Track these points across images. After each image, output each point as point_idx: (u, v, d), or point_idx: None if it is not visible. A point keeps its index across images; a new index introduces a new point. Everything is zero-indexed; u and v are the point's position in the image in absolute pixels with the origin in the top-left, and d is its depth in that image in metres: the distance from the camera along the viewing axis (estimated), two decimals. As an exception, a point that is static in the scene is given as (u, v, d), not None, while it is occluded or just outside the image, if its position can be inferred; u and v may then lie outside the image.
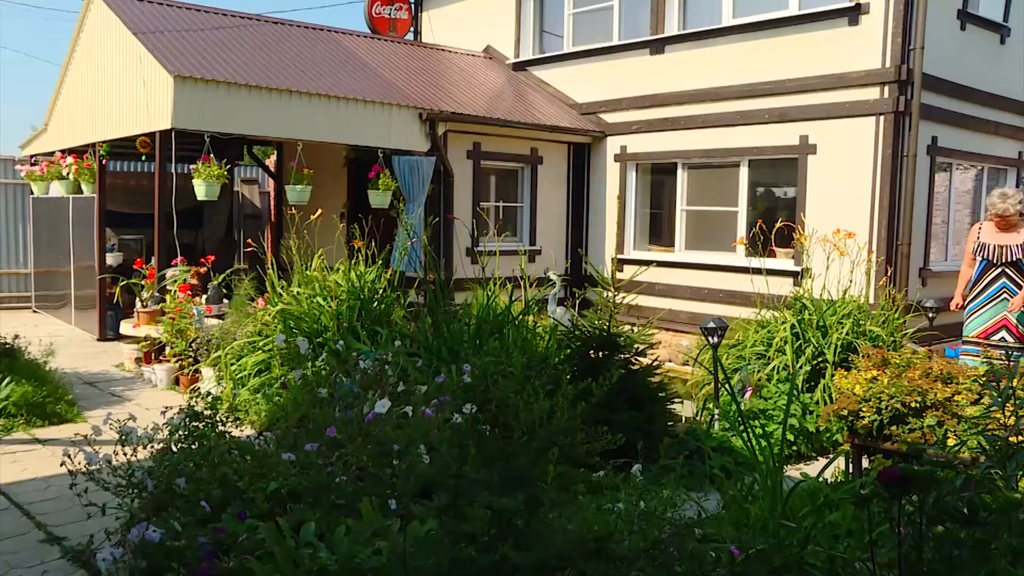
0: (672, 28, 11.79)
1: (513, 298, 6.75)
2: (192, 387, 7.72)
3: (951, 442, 4.83)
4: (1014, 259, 7.42)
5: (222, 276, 9.72)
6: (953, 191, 11.15)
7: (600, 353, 5.55)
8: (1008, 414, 3.39)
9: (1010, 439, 3.51)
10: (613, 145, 12.61)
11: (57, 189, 12.32)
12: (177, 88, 8.92)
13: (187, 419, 3.63)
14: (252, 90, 9.52)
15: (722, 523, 3.17)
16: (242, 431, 3.95)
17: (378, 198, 10.61)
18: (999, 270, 7.41)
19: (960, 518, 1.82)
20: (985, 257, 7.49)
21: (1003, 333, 7.41)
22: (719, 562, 2.47)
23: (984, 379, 4.99)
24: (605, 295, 5.73)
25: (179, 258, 9.63)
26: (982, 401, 4.90)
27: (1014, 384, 3.68)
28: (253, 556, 2.51)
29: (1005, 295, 7.42)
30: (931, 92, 9.80)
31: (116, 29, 10.36)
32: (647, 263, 9.06)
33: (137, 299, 10.00)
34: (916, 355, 5.83)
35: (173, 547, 2.53)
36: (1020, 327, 7.35)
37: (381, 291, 7.48)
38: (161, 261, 9.65)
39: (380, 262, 7.73)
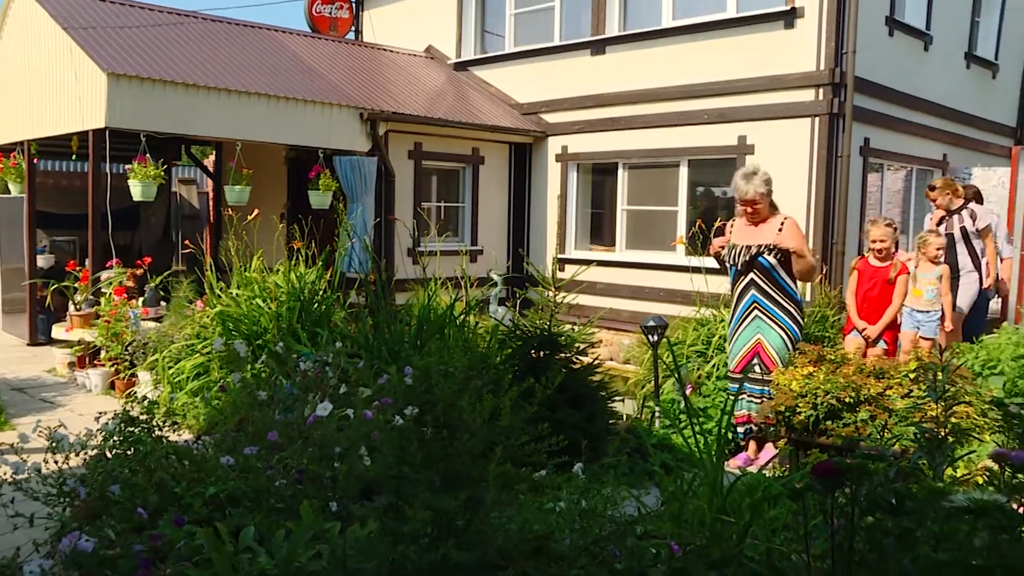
0: (613, 29, 11.89)
1: (455, 298, 6.75)
2: (128, 392, 7.55)
3: (884, 435, 4.96)
4: (765, 261, 5.86)
5: (159, 278, 9.54)
6: (885, 191, 11.46)
7: (541, 353, 5.58)
8: (936, 407, 3.50)
9: (937, 431, 3.62)
10: (554, 145, 12.67)
11: (-18, 190, 11.96)
12: (111, 86, 8.72)
13: (122, 424, 3.55)
14: (189, 89, 9.36)
15: (662, 519, 3.21)
16: (180, 436, 3.88)
17: (318, 198, 10.51)
18: (748, 278, 5.94)
19: (888, 508, 1.87)
20: (733, 263, 6.02)
21: (755, 362, 5.92)
22: (659, 558, 2.50)
23: (915, 374, 5.16)
24: (546, 295, 5.76)
25: (114, 260, 9.41)
26: (912, 395, 5.05)
27: (943, 378, 3.80)
28: (191, 562, 2.47)
29: (757, 312, 5.92)
30: (863, 95, 10.06)
31: (44, 23, 10.08)
32: (588, 262, 9.11)
33: (70, 302, 9.75)
34: (873, 342, 6.04)
35: (107, 556, 2.47)
36: (777, 357, 5.83)
37: (321, 292, 7.42)
38: (95, 263, 9.42)
39: (320, 263, 7.66)
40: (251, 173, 10.04)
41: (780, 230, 5.85)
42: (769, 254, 5.76)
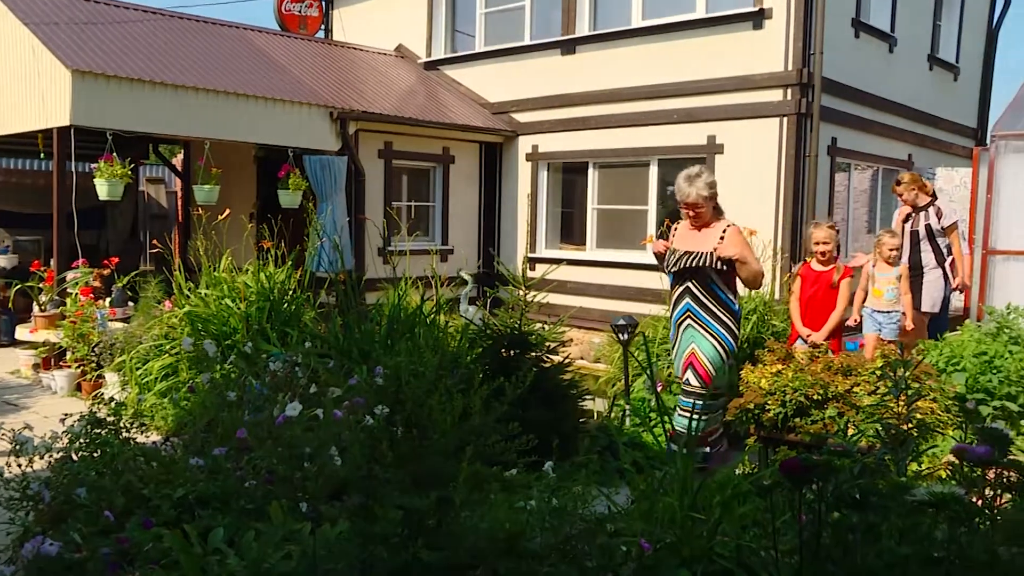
0: (583, 29, 11.93)
1: (425, 297, 6.74)
2: (95, 393, 7.47)
3: (850, 432, 5.02)
4: (698, 267, 5.52)
5: (127, 278, 9.43)
6: (852, 190, 11.60)
7: (511, 352, 5.58)
8: (901, 403, 3.56)
9: (902, 427, 3.68)
10: (525, 144, 12.69)
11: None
12: (76, 83, 8.61)
13: (89, 426, 3.51)
14: (157, 87, 9.26)
15: (632, 517, 3.23)
16: (148, 437, 3.85)
17: (288, 198, 10.45)
18: (684, 286, 5.61)
19: (853, 504, 1.90)
20: (671, 269, 5.68)
21: (689, 374, 5.61)
22: (629, 556, 2.52)
23: (881, 371, 5.23)
24: (516, 294, 5.77)
25: (80, 260, 9.29)
26: (878, 392, 5.11)
27: (907, 375, 3.86)
28: (159, 565, 2.45)
29: (690, 321, 5.59)
30: (830, 95, 10.17)
31: (4, 18, 9.93)
32: (558, 261, 9.16)
33: (35, 303, 9.61)
34: (819, 349, 6.05)
35: (72, 560, 2.44)
36: (711, 368, 5.53)
37: (291, 292, 7.38)
38: (61, 263, 9.30)
39: (290, 262, 7.62)
40: (220, 172, 9.96)
41: (722, 238, 5.54)
42: (710, 261, 5.43)
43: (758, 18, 10.08)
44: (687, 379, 5.59)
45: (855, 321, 7.57)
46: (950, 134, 13.76)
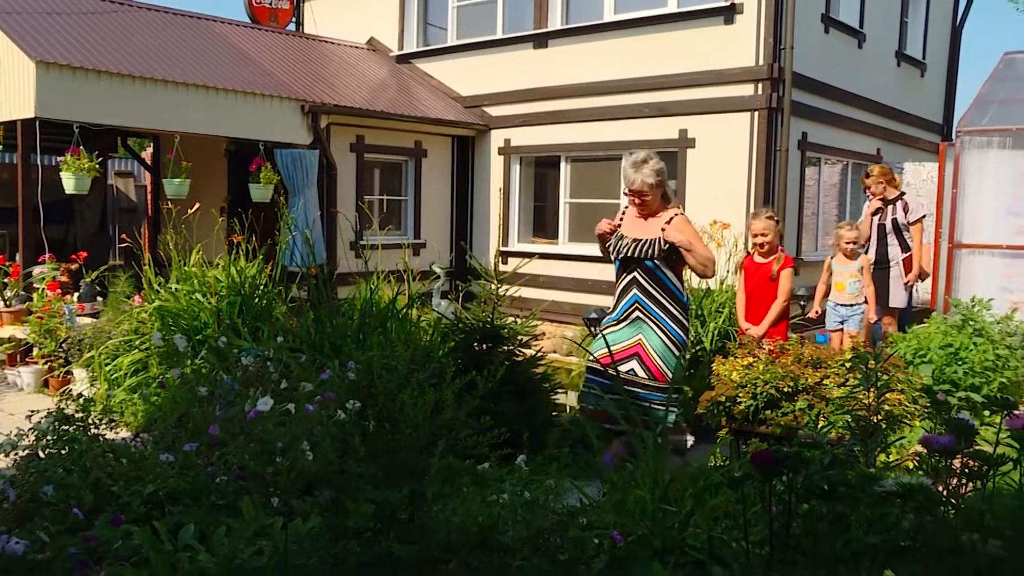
0: (555, 23, 11.93)
1: (397, 292, 6.72)
2: (63, 389, 7.37)
3: (820, 423, 5.07)
4: (646, 256, 5.25)
5: (95, 273, 9.31)
6: (822, 184, 11.71)
7: (484, 346, 5.59)
8: (871, 395, 3.60)
9: (871, 418, 3.72)
10: (497, 138, 12.68)
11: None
12: (40, 75, 8.49)
13: (56, 422, 3.47)
14: (125, 79, 9.15)
15: (604, 510, 3.25)
16: (117, 433, 3.81)
17: (259, 192, 10.37)
18: (631, 276, 5.36)
19: (823, 494, 1.92)
20: (618, 256, 5.41)
21: (634, 364, 5.30)
22: (601, 548, 2.53)
23: (850, 363, 5.29)
24: (489, 288, 5.77)
25: (47, 255, 9.17)
26: (848, 384, 5.17)
27: (876, 367, 3.91)
28: (129, 563, 2.43)
29: (638, 313, 5.32)
30: (801, 90, 10.25)
31: (-33, 9, 9.77)
32: (531, 255, 9.17)
33: None
34: (789, 341, 6.10)
35: (39, 559, 2.42)
36: (660, 363, 5.28)
37: (263, 286, 7.33)
38: (27, 258, 9.17)
39: (261, 257, 7.57)
40: (190, 166, 9.87)
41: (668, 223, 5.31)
42: (659, 252, 5.19)
43: (729, 13, 10.14)
44: (631, 369, 5.27)
45: (816, 314, 7.64)
46: (917, 129, 13.94)
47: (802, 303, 9.22)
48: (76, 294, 9.15)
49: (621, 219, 5.49)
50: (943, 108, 15.08)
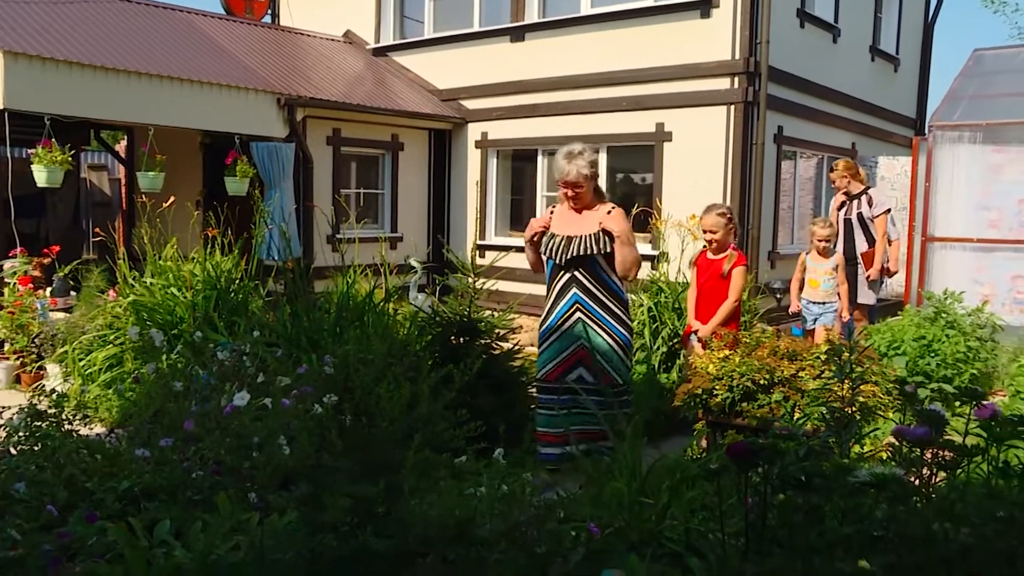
0: (532, 16, 11.92)
1: (374, 285, 6.70)
2: (35, 385, 7.29)
3: (795, 415, 5.12)
4: (587, 254, 5.01)
5: (68, 267, 9.22)
6: (798, 178, 11.79)
7: (461, 339, 5.59)
8: (845, 387, 3.63)
9: (845, 410, 3.76)
10: (474, 131, 12.66)
11: None
12: (8, 65, 8.36)
13: (29, 418, 3.43)
14: (97, 71, 9.04)
15: (581, 503, 3.26)
16: (92, 429, 3.77)
17: (235, 185, 10.30)
18: (569, 275, 5.11)
19: (798, 485, 1.94)
20: (551, 256, 5.15)
21: (581, 370, 5.07)
22: (578, 540, 2.54)
23: (825, 355, 5.33)
24: (466, 281, 5.76)
25: (19, 248, 9.06)
26: (823, 376, 5.22)
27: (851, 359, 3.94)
28: (104, 560, 2.41)
29: (580, 315, 5.05)
30: (777, 84, 10.30)
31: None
32: (508, 249, 9.14)
33: (-30, 293, 9.37)
34: (765, 334, 6.12)
35: (11, 557, 2.39)
36: (604, 363, 5.03)
37: (239, 280, 7.29)
38: (-2, 252, 9.06)
39: (237, 250, 7.52)
40: (165, 159, 9.77)
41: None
42: (597, 245, 4.98)
43: (705, 7, 10.17)
44: (579, 375, 5.04)
45: (797, 309, 7.68)
46: (891, 124, 14.06)
47: (778, 296, 9.29)
48: (48, 289, 9.05)
49: (550, 216, 5.27)
50: (916, 103, 15.23)
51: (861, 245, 8.28)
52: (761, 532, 1.95)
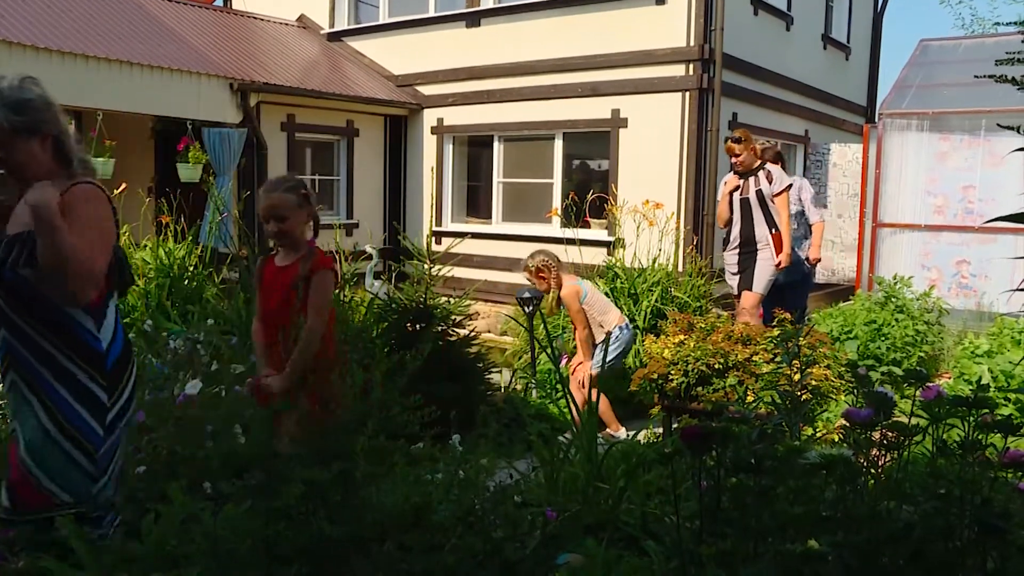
0: (488, 1, 11.87)
1: (331, 273, 6.64)
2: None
3: (749, 399, 5.19)
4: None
5: (13, 255, 9.01)
6: (752, 165, 11.90)
7: (417, 326, 5.57)
8: (794, 371, 3.69)
9: (796, 393, 3.82)
10: (430, 117, 12.59)
11: None
12: (-48, 50, 8.15)
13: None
14: (41, 53, 8.83)
15: (537, 486, 3.28)
16: (39, 420, 3.70)
17: (188, 172, 10.14)
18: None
19: (750, 468, 1.96)
20: None
21: None
22: (535, 524, 2.56)
23: (777, 340, 5.41)
24: (422, 268, 5.75)
25: (-38, 237, 8.83)
26: (776, 360, 5.30)
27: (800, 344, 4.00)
28: (53, 555, 2.37)
29: None
30: (731, 71, 10.39)
31: None
32: (464, 235, 9.16)
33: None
34: (720, 319, 6.18)
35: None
36: None
37: (192, 268, 7.20)
38: (-59, 240, 8.82)
39: (190, 238, 7.42)
40: (114, 145, 9.58)
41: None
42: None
43: (660, -7, 10.21)
44: None
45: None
46: (843, 111, 14.26)
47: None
48: (-5, 277, 8.85)
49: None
50: (867, 91, 15.46)
51: (761, 229, 7.01)
52: (715, 515, 1.98)
